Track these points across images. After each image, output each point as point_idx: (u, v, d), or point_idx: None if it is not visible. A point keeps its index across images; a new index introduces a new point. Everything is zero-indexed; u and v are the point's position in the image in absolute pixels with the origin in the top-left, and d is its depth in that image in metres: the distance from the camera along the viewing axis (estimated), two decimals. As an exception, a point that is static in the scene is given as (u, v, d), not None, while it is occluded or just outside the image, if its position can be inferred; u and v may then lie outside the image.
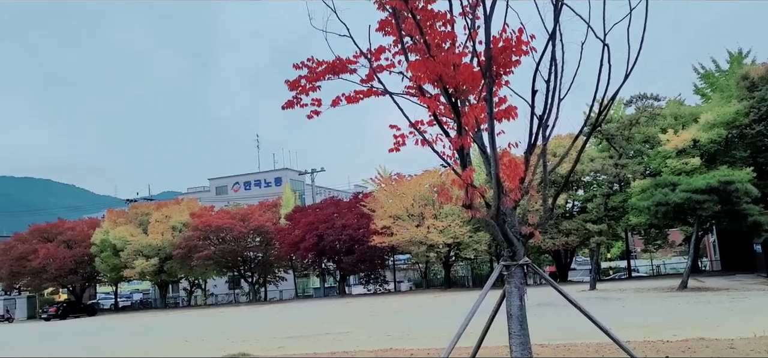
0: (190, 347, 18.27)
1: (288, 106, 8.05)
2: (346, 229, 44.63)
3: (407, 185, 43.78)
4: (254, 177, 71.54)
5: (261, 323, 27.62)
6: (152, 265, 48.87)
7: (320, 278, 52.15)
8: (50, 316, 48.20)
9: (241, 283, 54.89)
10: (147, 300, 62.43)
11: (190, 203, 55.31)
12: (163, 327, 30.52)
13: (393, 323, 21.65)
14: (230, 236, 48.52)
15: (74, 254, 51.83)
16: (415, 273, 55.00)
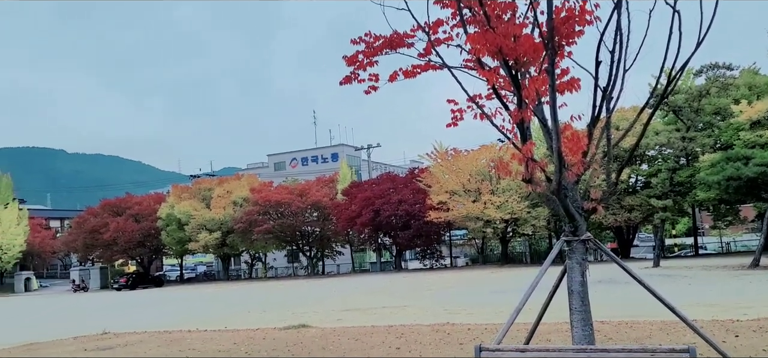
0: (253, 318, 18.84)
1: (346, 82, 8.06)
2: (402, 204, 44.77)
3: (464, 160, 43.44)
4: (311, 153, 72.57)
5: (319, 296, 28.18)
6: (215, 238, 50.46)
7: (377, 252, 52.64)
8: (121, 286, 50.66)
9: (300, 257, 56.04)
10: (210, 272, 64.63)
11: (250, 178, 56.66)
12: (226, 298, 31.58)
13: (450, 298, 21.68)
14: (288, 211, 49.48)
15: (142, 228, 54.01)
16: (472, 249, 54.75)
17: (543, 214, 40.59)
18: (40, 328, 20.89)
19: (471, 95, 6.97)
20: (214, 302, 29.97)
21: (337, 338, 12.34)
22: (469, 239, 51.33)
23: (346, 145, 70.86)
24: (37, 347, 14.06)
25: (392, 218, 45.33)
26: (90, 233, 54.71)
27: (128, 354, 11.82)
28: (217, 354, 11.05)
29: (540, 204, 40.19)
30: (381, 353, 10.06)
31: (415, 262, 53.98)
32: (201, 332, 15.04)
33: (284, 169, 71.38)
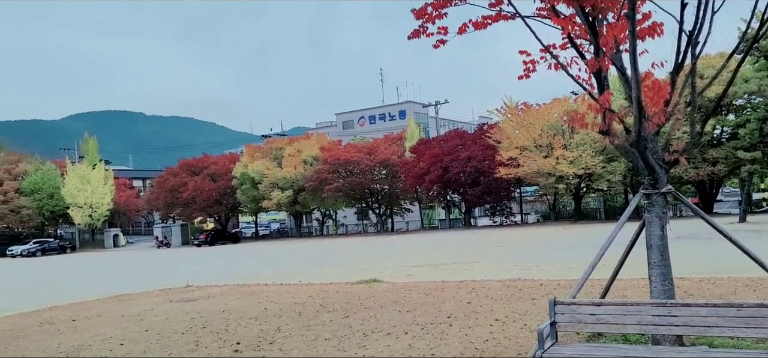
0: (325, 273, 19.34)
1: (414, 36, 7.96)
2: (471, 161, 44.37)
3: (535, 115, 42.40)
4: (379, 111, 72.76)
5: (389, 252, 28.55)
6: (287, 196, 51.81)
7: (445, 209, 52.62)
8: (201, 242, 53.07)
9: (369, 214, 56.79)
10: (283, 229, 66.63)
11: (319, 137, 57.53)
12: (299, 254, 32.53)
13: (521, 254, 21.48)
14: (357, 169, 50.04)
15: (218, 187, 56.08)
16: (543, 205, 53.80)
17: (619, 169, 39.24)
18: (130, 280, 22.27)
19: (545, 45, 6.75)
20: (288, 257, 30.94)
21: (408, 292, 12.52)
22: (540, 196, 50.41)
23: (414, 102, 70.53)
24: (128, 298, 15.02)
25: (461, 174, 45.05)
26: (170, 191, 57.31)
27: (211, 305, 12.43)
28: (294, 306, 11.46)
29: (616, 158, 38.86)
30: (453, 307, 10.15)
31: (484, 219, 53.62)
32: (277, 286, 15.62)
33: (352, 127, 72.00)
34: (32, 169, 61.03)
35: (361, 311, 10.38)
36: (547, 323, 5.61)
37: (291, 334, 8.73)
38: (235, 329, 9.37)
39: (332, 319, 9.78)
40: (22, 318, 12.68)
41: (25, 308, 14.66)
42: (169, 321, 10.57)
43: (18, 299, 17.76)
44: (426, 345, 7.53)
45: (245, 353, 7.62)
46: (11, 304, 16.30)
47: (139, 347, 8.36)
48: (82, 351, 8.31)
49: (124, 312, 12.25)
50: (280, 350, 7.71)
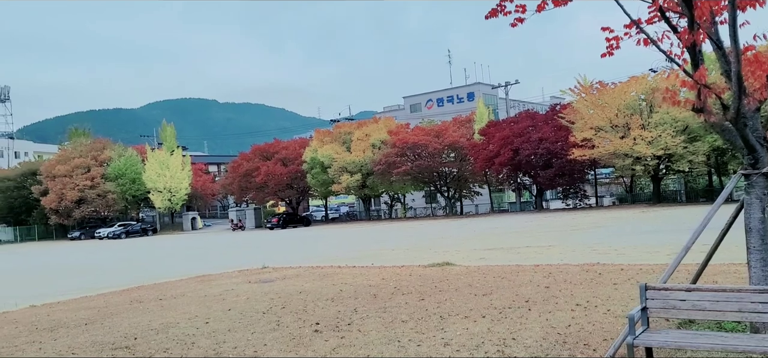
0: (396, 256, 19.44)
1: (491, 15, 7.76)
2: (542, 142, 43.34)
3: (610, 94, 40.86)
4: (447, 93, 72.14)
5: (459, 235, 28.38)
6: (356, 180, 52.35)
7: (516, 192, 51.75)
8: (273, 226, 54.49)
9: (438, 197, 56.61)
10: (352, 213, 67.43)
11: (387, 121, 57.68)
12: (369, 237, 32.85)
13: (597, 238, 20.85)
14: (425, 152, 49.89)
15: (289, 171, 57.31)
16: (619, 188, 51.98)
17: (702, 149, 37.33)
18: (209, 261, 23.14)
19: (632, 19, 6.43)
20: (358, 240, 31.28)
21: (482, 275, 12.39)
22: (616, 178, 48.72)
23: (482, 83, 69.47)
24: (209, 278, 15.59)
25: (532, 156, 44.11)
26: (244, 176, 59.06)
27: (287, 286, 12.72)
28: (368, 288, 11.55)
29: (699, 138, 37.00)
30: (530, 291, 9.95)
31: (556, 202, 52.41)
32: (350, 268, 15.81)
33: (420, 110, 71.78)
34: (116, 156, 64.37)
35: (435, 294, 10.34)
36: (638, 309, 5.39)
37: (368, 315, 8.80)
38: (313, 310, 9.54)
39: (408, 301, 9.79)
40: (113, 296, 13.40)
41: (115, 287, 15.49)
42: (250, 301, 10.89)
43: (108, 278, 18.79)
44: (505, 329, 7.41)
45: (325, 334, 7.74)
46: (103, 282, 17.28)
47: (224, 326, 8.65)
48: (171, 329, 8.68)
49: (206, 292, 12.71)
50: (359, 331, 7.78)
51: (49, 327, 9.64)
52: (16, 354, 7.74)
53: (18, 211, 66.04)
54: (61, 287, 16.80)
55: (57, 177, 61.24)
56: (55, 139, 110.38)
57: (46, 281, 21.03)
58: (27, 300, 13.63)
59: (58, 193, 60.05)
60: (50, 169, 62.73)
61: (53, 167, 62.82)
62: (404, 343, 7.06)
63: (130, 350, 7.42)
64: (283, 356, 6.76)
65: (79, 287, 16.55)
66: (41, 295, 14.87)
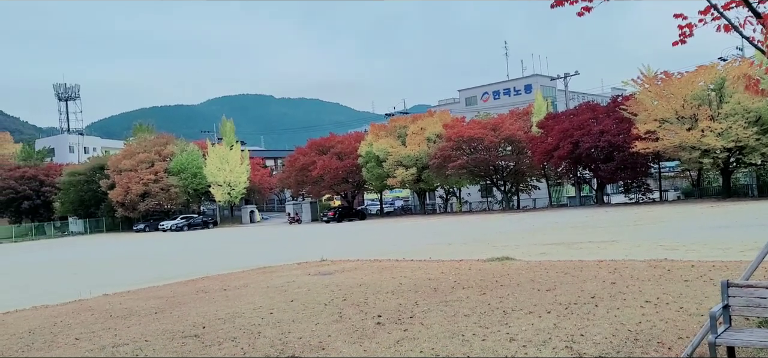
0: (454, 250, 19.30)
1: (557, 4, 7.57)
2: (603, 135, 42.11)
3: (676, 85, 39.26)
4: (503, 86, 71.10)
5: (516, 229, 27.94)
6: (411, 174, 52.29)
7: (575, 186, 50.51)
8: (329, 219, 55.10)
9: (494, 191, 55.92)
10: (407, 206, 67.42)
11: (442, 114, 57.32)
12: (424, 231, 32.76)
13: (663, 233, 20.11)
14: (482, 146, 49.32)
15: (344, 165, 57.77)
16: (685, 181, 50.01)
17: (776, 141, 35.50)
18: (268, 253, 23.60)
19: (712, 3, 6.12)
20: (415, 234, 31.25)
21: (544, 270, 12.14)
22: (682, 171, 46.83)
23: (540, 75, 68.09)
24: (270, 270, 15.89)
25: (593, 149, 42.93)
26: (300, 170, 59.90)
27: (347, 279, 12.81)
28: (428, 282, 11.50)
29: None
30: (595, 287, 9.68)
31: (618, 196, 50.86)
32: (408, 261, 15.79)
33: (475, 103, 70.98)
34: (178, 151, 66.53)
35: (497, 289, 10.20)
36: (720, 306, 5.14)
37: (429, 309, 8.75)
38: (374, 303, 9.56)
39: (469, 295, 9.69)
40: (180, 286, 13.83)
41: (180, 277, 15.99)
42: (311, 293, 11.02)
43: (173, 269, 19.43)
44: (572, 325, 7.22)
45: (388, 326, 7.74)
46: (169, 273, 17.87)
47: (288, 316, 8.78)
48: (237, 319, 8.87)
49: (268, 283, 12.95)
50: (422, 324, 7.75)
51: (122, 315, 10.03)
52: (95, 340, 8.08)
53: (88, 204, 69.21)
54: (130, 277, 17.48)
55: (123, 171, 63.82)
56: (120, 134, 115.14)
57: (116, 271, 21.92)
58: (100, 289, 14.25)
59: (124, 186, 62.56)
60: (117, 164, 65.43)
61: (119, 162, 65.49)
62: (468, 337, 6.98)
63: (199, 339, 7.62)
64: (347, 348, 6.80)
65: (146, 277, 17.17)
66: (112, 284, 15.51)
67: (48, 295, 14.36)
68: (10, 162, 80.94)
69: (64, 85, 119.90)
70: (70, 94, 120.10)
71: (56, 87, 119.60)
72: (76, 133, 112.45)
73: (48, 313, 11.20)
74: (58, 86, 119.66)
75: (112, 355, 7.09)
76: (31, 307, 12.35)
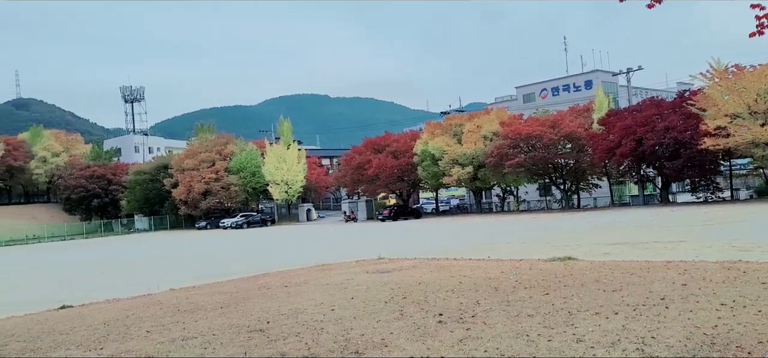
0: (513, 249, 19.01)
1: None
2: (669, 131, 40.59)
3: (749, 78, 37.42)
4: (562, 82, 69.55)
5: (577, 229, 27.30)
6: (467, 173, 51.86)
7: (638, 185, 48.93)
8: (385, 217, 55.31)
9: (553, 190, 54.82)
10: (463, 205, 66.90)
11: (499, 112, 56.61)
12: (482, 230, 32.45)
13: (736, 234, 19.22)
14: (540, 144, 48.43)
15: (399, 164, 57.83)
16: (758, 179, 47.64)
17: None
18: (326, 251, 23.89)
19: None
20: (471, 233, 30.99)
21: (609, 271, 11.77)
22: (755, 169, 44.63)
23: (601, 70, 66.21)
24: (329, 267, 16.05)
25: (657, 147, 41.44)
26: (356, 169, 60.37)
27: (405, 277, 12.79)
28: (488, 281, 11.35)
29: None
30: (665, 288, 9.32)
31: (684, 195, 48.97)
32: (466, 260, 15.64)
33: (533, 100, 69.73)
34: (238, 150, 68.23)
35: (560, 289, 9.96)
36: (808, 311, 4.83)
37: (491, 308, 8.63)
38: (434, 301, 9.50)
39: (532, 295, 9.50)
40: (242, 282, 14.15)
41: (242, 273, 16.37)
42: (371, 290, 11.05)
43: (235, 266, 19.93)
44: (643, 327, 6.96)
45: (450, 325, 7.67)
46: (231, 269, 18.34)
47: (349, 313, 8.83)
48: (300, 315, 8.99)
49: (327, 281, 13.08)
50: (485, 323, 7.64)
51: (189, 309, 10.34)
52: (164, 332, 8.36)
53: (152, 202, 71.90)
54: (195, 272, 18.04)
55: (185, 170, 65.96)
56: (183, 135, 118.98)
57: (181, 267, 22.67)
58: (166, 284, 14.74)
59: (187, 185, 64.64)
60: (179, 163, 67.69)
61: (182, 161, 67.73)
62: (533, 337, 6.84)
63: (264, 334, 7.76)
64: (410, 346, 6.77)
65: (210, 273, 17.67)
66: (178, 279, 16.03)
67: (118, 288, 14.97)
68: (81, 162, 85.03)
69: (130, 87, 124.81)
70: (135, 96, 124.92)
71: (123, 89, 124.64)
72: (141, 134, 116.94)
73: (120, 306, 11.67)
74: (124, 89, 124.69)
75: (182, 347, 7.31)
76: (105, 300, 12.91)
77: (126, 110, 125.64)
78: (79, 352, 7.52)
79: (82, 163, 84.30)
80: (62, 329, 9.37)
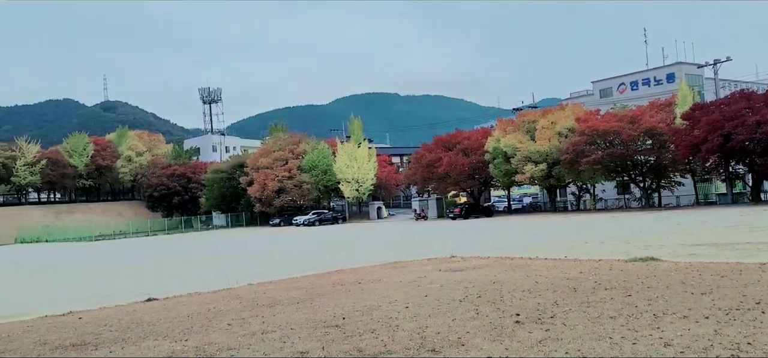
0: (591, 249, 18.40)
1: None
2: (761, 126, 38.18)
3: None
4: (642, 75, 66.71)
5: (659, 229, 26.14)
6: (540, 170, 50.69)
7: (726, 182, 46.29)
8: (455, 216, 54.90)
9: (632, 188, 52.73)
10: (536, 203, 65.48)
11: (574, 108, 55.02)
12: (556, 229, 31.63)
13: (838, 235, 17.84)
14: (618, 140, 46.69)
15: (470, 161, 57.22)
16: None
17: None
18: (397, 249, 23.94)
19: None
20: (546, 231, 30.27)
21: (696, 273, 11.18)
22: None
23: (685, 62, 63.00)
24: (401, 265, 16.08)
25: (747, 142, 39.09)
26: (426, 167, 60.23)
27: (479, 276, 12.62)
28: (566, 281, 11.03)
29: None
30: (761, 292, 8.74)
31: (776, 193, 46.03)
32: (542, 260, 15.26)
33: (611, 95, 67.24)
34: (309, 149, 69.55)
35: (643, 291, 9.53)
36: None
37: (570, 309, 8.36)
38: (510, 301, 9.31)
39: (613, 297, 9.14)
40: (316, 278, 14.39)
41: (316, 270, 16.64)
42: (444, 289, 10.97)
43: (309, 262, 20.29)
44: (736, 332, 6.55)
45: (528, 325, 7.49)
46: (306, 265, 18.70)
47: (424, 311, 8.79)
48: (374, 311, 9.03)
49: (400, 278, 13.08)
50: (564, 325, 7.41)
51: (267, 304, 10.61)
52: (245, 326, 8.60)
53: (229, 199, 74.46)
54: (270, 268, 18.50)
55: (260, 169, 67.90)
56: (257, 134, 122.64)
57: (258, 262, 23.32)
58: (244, 279, 15.19)
59: (261, 183, 66.52)
60: (254, 162, 69.75)
61: (257, 160, 69.76)
62: (616, 340, 6.57)
63: (340, 329, 7.84)
64: (488, 345, 6.65)
65: (285, 269, 18.07)
66: (255, 274, 16.49)
67: (199, 282, 15.56)
68: (162, 161, 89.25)
69: (208, 89, 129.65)
70: (213, 98, 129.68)
71: (201, 91, 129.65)
72: (218, 134, 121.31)
73: (202, 299, 12.12)
74: (202, 90, 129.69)
75: (262, 341, 7.49)
76: (187, 293, 13.45)
77: (204, 111, 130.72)
78: (166, 342, 7.85)
79: (164, 162, 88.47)
80: (149, 320, 9.83)
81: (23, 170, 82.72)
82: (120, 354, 7.38)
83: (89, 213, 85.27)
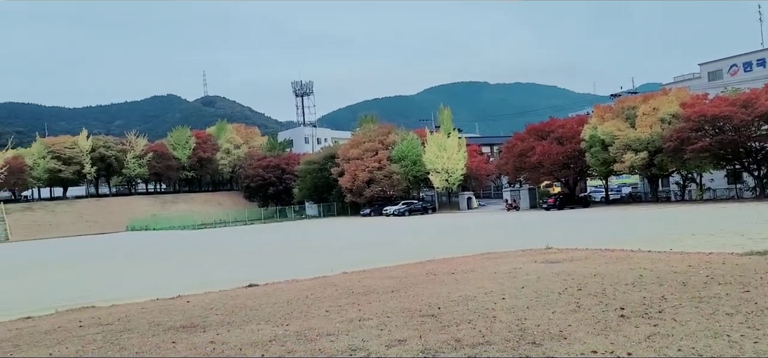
0: (698, 241, 17.32)
1: None
2: None
3: None
4: (756, 56, 61.72)
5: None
6: (641, 159, 48.19)
7: None
8: (549, 206, 53.33)
9: (744, 176, 49.03)
10: (636, 193, 62.34)
11: (678, 92, 51.79)
12: (659, 220, 30.05)
13: None
14: (729, 126, 43.51)
15: (565, 150, 55.27)
16: None
17: None
18: (489, 239, 23.57)
19: None
20: (647, 223, 28.83)
21: (824, 268, 10.23)
22: None
23: (805, 40, 57.82)
24: (495, 256, 15.83)
25: None
26: (518, 156, 58.81)
27: (577, 268, 12.17)
28: (674, 275, 10.42)
29: None
30: None
31: None
32: (646, 252, 14.53)
33: (721, 78, 62.70)
34: (399, 140, 69.84)
35: (763, 287, 8.83)
36: None
37: (680, 304, 7.88)
38: (613, 294, 8.91)
39: (728, 292, 8.53)
40: (409, 268, 14.43)
41: (408, 259, 16.69)
42: (541, 281, 10.66)
43: (401, 252, 20.40)
44: None
45: (633, 320, 7.13)
46: (397, 255, 18.81)
47: (521, 303, 8.57)
48: (470, 302, 8.92)
49: (495, 269, 12.86)
50: (674, 320, 6.99)
51: (362, 292, 10.74)
52: (342, 312, 8.76)
53: (321, 189, 76.28)
54: (363, 257, 18.75)
55: (350, 160, 68.99)
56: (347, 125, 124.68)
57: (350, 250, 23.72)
58: (339, 267, 15.49)
59: (352, 173, 67.59)
60: (345, 153, 70.96)
61: (347, 151, 70.92)
62: (735, 338, 6.11)
63: (436, 319, 7.80)
64: (592, 340, 6.38)
65: (377, 258, 18.25)
66: (349, 262, 16.77)
67: (296, 270, 16.03)
68: (258, 153, 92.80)
69: (300, 82, 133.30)
70: (304, 91, 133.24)
71: (294, 85, 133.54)
72: (310, 126, 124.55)
73: (299, 286, 12.47)
74: (295, 84, 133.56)
75: (360, 328, 7.58)
76: (285, 280, 13.89)
77: (296, 104, 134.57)
78: (269, 327, 8.12)
79: (259, 154, 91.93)
80: (252, 305, 10.22)
81: (133, 163, 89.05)
82: (226, 336, 7.71)
83: (191, 203, 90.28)
